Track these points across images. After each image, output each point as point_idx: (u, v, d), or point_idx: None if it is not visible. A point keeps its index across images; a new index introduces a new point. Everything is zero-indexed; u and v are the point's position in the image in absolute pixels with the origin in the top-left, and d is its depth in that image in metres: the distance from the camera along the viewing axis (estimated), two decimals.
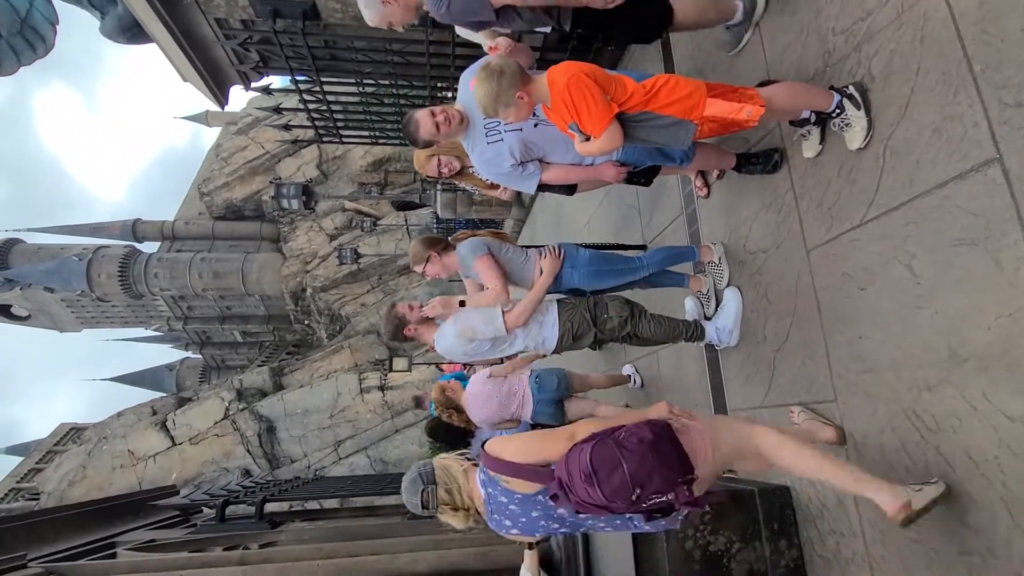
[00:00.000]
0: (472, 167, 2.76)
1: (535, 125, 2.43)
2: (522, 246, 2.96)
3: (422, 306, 2.78)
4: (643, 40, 2.70)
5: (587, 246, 3.17)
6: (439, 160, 2.79)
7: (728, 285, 3.02)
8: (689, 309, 3.26)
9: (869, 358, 2.11)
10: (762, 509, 2.48)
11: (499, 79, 1.97)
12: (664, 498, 1.46)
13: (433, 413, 3.80)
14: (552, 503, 1.56)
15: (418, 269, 2.87)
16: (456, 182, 2.95)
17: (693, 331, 3.01)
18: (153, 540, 2.99)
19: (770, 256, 2.73)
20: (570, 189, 2.75)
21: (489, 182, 2.84)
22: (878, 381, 2.07)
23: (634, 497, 1.44)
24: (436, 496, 1.65)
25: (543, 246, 2.95)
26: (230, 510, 3.50)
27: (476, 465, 1.72)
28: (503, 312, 2.65)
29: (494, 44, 2.40)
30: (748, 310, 2.92)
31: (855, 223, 2.17)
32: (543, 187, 2.61)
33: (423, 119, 2.40)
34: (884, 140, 2.02)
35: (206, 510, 3.75)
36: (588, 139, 2.09)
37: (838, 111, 2.12)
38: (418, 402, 5.44)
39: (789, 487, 2.54)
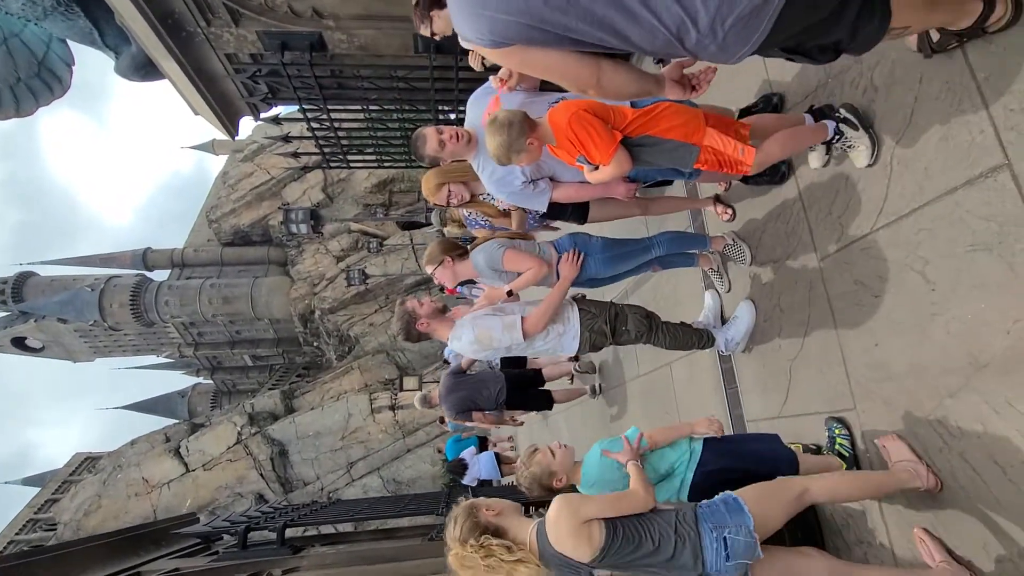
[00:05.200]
0: (482, 194, 2.80)
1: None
2: (536, 242, 2.94)
3: (432, 301, 2.71)
4: None
5: None
6: (449, 190, 2.78)
7: (748, 265, 3.00)
8: (708, 305, 3.29)
9: (887, 365, 2.11)
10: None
11: (508, 131, 2.05)
12: None
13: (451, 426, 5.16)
14: None
15: (429, 269, 2.86)
16: (465, 211, 2.94)
17: (705, 341, 3.06)
18: (177, 569, 2.99)
19: (781, 266, 2.75)
20: (582, 217, 2.79)
21: (500, 210, 2.87)
22: (898, 388, 2.07)
23: None
24: None
25: (556, 241, 2.89)
26: (251, 536, 3.51)
27: None
28: (521, 319, 2.60)
29: (497, 76, 2.45)
30: (761, 319, 2.92)
31: (866, 231, 2.18)
32: (555, 212, 2.65)
33: (429, 135, 2.48)
34: (891, 148, 2.04)
35: (227, 537, 3.76)
36: (596, 168, 2.14)
37: (837, 136, 2.14)
38: (426, 401, 5.64)
39: None
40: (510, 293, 2.70)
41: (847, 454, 2.25)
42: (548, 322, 2.64)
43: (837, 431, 2.31)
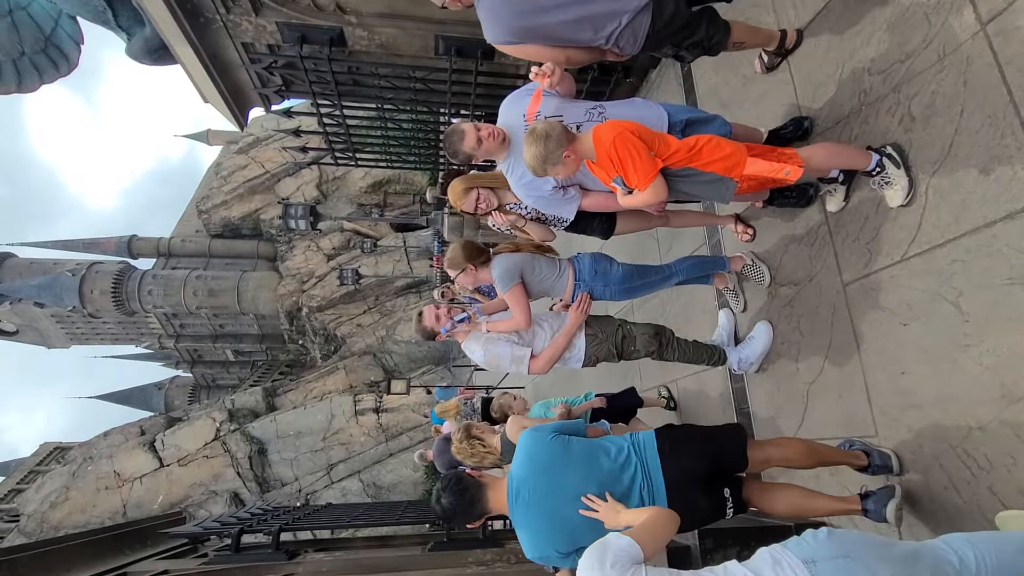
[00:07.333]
0: (510, 204, 2.77)
1: None
2: (557, 258, 2.92)
3: (450, 309, 2.79)
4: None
5: None
6: (478, 194, 2.70)
7: (767, 286, 3.00)
8: (722, 324, 3.28)
9: (914, 394, 2.11)
10: None
11: (546, 142, 2.05)
12: None
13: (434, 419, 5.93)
14: None
15: (452, 273, 2.87)
16: (491, 221, 2.88)
17: (716, 358, 3.06)
18: (167, 571, 2.88)
19: (803, 289, 2.75)
20: (608, 232, 2.78)
21: (523, 224, 2.82)
22: (923, 416, 2.07)
23: None
24: None
25: (576, 260, 2.89)
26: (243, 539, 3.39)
27: None
28: (531, 356, 2.71)
29: (539, 70, 2.43)
30: (779, 342, 2.92)
31: (896, 259, 2.19)
32: (581, 225, 2.64)
33: (468, 131, 2.42)
34: (927, 179, 2.05)
35: (215, 539, 3.64)
36: (631, 192, 2.14)
37: (878, 169, 2.15)
38: (423, 458, 6.52)
39: (826, 523, 2.50)
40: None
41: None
42: (554, 364, 2.75)
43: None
